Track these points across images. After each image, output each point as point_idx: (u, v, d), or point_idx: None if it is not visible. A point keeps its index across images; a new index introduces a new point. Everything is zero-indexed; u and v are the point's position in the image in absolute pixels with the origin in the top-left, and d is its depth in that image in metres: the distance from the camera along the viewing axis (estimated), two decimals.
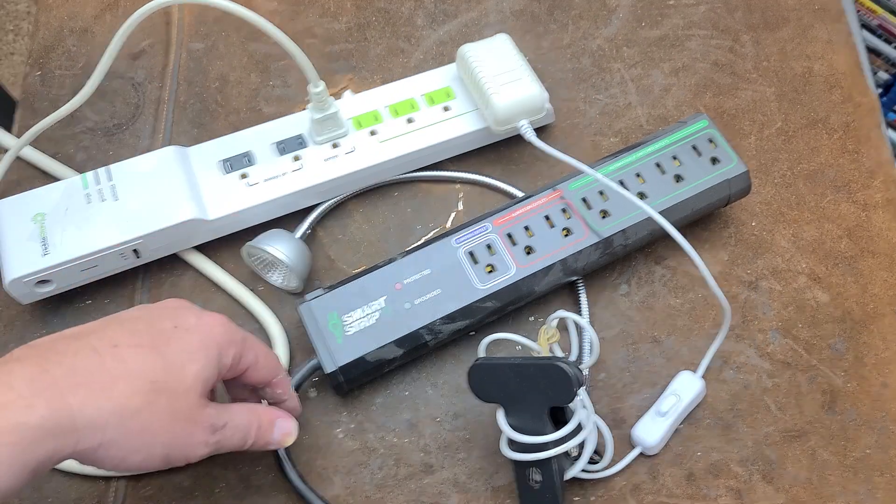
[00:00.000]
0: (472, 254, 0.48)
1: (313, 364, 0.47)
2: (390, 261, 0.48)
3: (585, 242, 0.49)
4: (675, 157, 0.51)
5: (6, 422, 0.29)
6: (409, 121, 0.54)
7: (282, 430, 0.41)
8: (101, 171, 0.50)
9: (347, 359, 0.46)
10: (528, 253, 0.48)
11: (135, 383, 0.33)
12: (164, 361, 0.34)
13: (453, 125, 0.54)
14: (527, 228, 0.49)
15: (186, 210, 0.49)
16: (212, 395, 0.39)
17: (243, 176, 0.51)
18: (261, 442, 0.39)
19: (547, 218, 0.49)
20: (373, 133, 0.54)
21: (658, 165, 0.51)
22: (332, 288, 0.48)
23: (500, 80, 0.52)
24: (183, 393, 0.34)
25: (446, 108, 0.55)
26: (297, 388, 0.47)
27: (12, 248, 0.47)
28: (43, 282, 0.48)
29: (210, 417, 0.36)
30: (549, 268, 0.48)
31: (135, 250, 0.49)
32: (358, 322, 0.47)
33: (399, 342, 0.47)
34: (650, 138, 0.52)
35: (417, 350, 0.48)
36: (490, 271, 0.48)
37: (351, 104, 0.54)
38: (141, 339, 0.34)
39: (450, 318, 0.47)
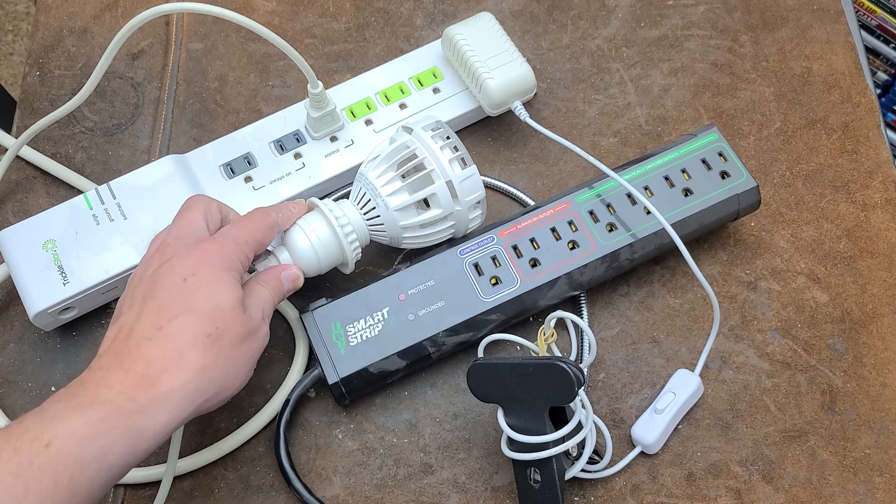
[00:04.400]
0: (476, 265, 0.48)
1: (315, 374, 0.47)
2: (394, 271, 0.48)
3: (591, 256, 0.48)
4: (683, 171, 0.50)
5: (113, 412, 0.34)
6: (402, 106, 0.54)
7: (289, 279, 0.44)
8: (103, 189, 0.50)
9: (350, 370, 0.46)
10: (534, 266, 0.48)
11: (197, 345, 0.37)
12: (203, 312, 0.38)
13: (445, 108, 0.55)
14: (532, 241, 0.48)
15: None
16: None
17: (248, 179, 0.51)
18: (282, 296, 0.44)
19: (553, 230, 0.49)
20: (368, 123, 0.54)
21: (667, 178, 0.50)
22: (335, 298, 0.47)
23: (490, 63, 0.52)
24: (233, 323, 0.38)
25: (436, 91, 0.55)
26: (300, 396, 0.47)
27: (31, 279, 0.47)
28: (66, 309, 0.47)
29: (256, 319, 0.40)
30: (555, 281, 0.48)
31: None
32: (361, 333, 0.46)
33: (402, 354, 0.46)
34: (659, 150, 0.51)
35: (420, 362, 0.47)
36: (495, 283, 0.48)
37: (342, 94, 0.55)
38: (172, 308, 0.38)
39: (453, 330, 0.47)
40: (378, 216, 0.47)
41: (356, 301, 0.47)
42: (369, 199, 0.47)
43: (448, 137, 0.47)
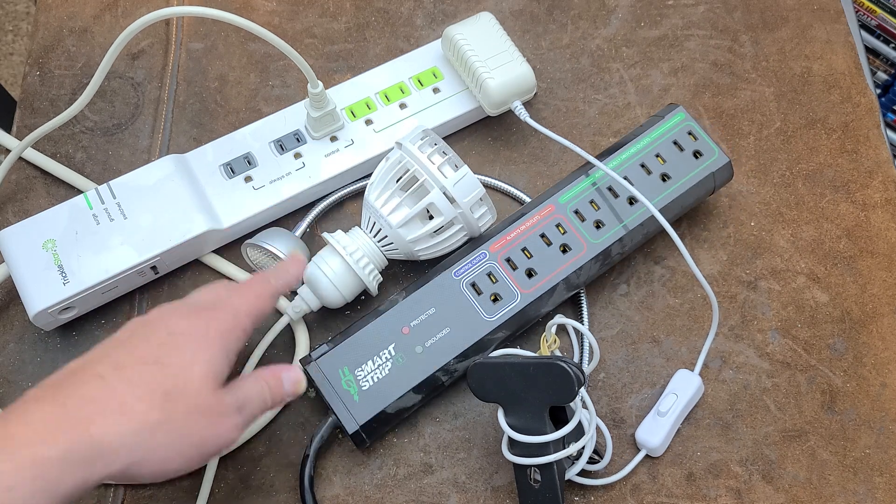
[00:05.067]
0: (474, 285, 0.47)
1: (332, 422, 0.46)
2: (391, 304, 0.47)
3: (585, 257, 0.48)
4: (658, 156, 0.51)
5: (27, 457, 0.30)
6: (402, 106, 0.54)
7: (290, 381, 0.41)
8: (103, 188, 0.50)
9: (368, 416, 0.45)
10: (530, 276, 0.48)
11: (148, 399, 0.33)
12: (170, 369, 0.35)
13: (445, 107, 0.55)
14: (524, 250, 0.48)
15: (200, 223, 0.49)
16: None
17: (248, 179, 0.51)
18: (278, 399, 0.40)
19: (543, 236, 0.48)
20: (368, 122, 0.54)
21: (643, 166, 0.50)
22: (336, 342, 0.46)
23: (490, 63, 0.52)
24: (195, 394, 0.35)
25: (436, 90, 0.55)
26: (319, 448, 0.46)
27: (31, 278, 0.47)
28: (66, 309, 0.47)
29: (229, 405, 0.36)
30: (554, 288, 0.48)
31: (153, 267, 0.49)
32: (371, 375, 0.45)
33: (416, 389, 0.46)
34: (629, 137, 0.51)
35: (435, 391, 0.47)
36: (495, 300, 0.47)
37: (342, 94, 0.55)
38: (142, 355, 0.35)
39: (463, 355, 0.46)
40: (386, 236, 0.47)
41: (359, 342, 0.46)
42: (374, 222, 0.47)
43: (435, 144, 0.47)
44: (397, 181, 0.47)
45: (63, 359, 0.50)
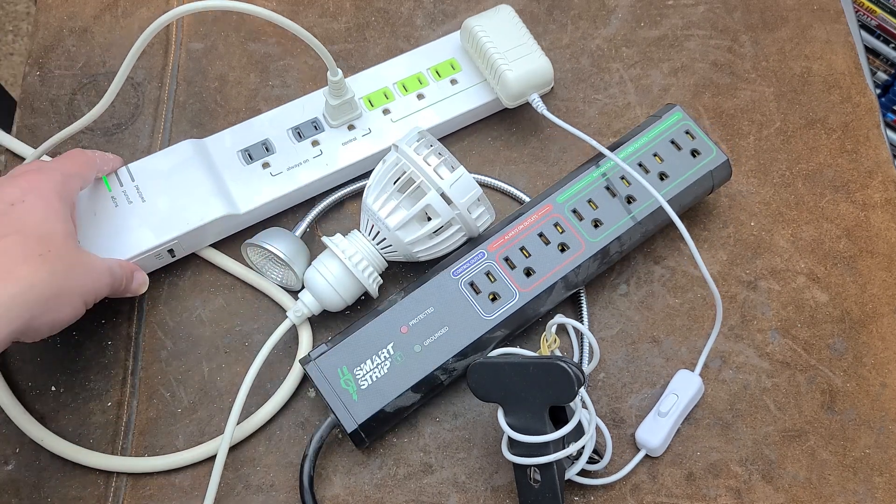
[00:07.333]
0: (472, 284, 0.47)
1: (331, 421, 0.46)
2: (390, 304, 0.47)
3: (583, 256, 0.48)
4: (656, 155, 0.51)
5: None
6: (420, 97, 0.55)
7: (138, 280, 0.47)
8: (122, 171, 0.50)
9: (366, 414, 0.45)
10: (529, 275, 0.48)
11: (28, 263, 0.37)
12: (32, 236, 0.38)
13: (463, 99, 0.55)
14: (523, 249, 0.48)
15: (218, 207, 0.49)
16: None
17: (265, 165, 0.52)
18: (125, 288, 0.46)
19: (541, 235, 0.48)
20: (386, 112, 0.54)
21: (641, 165, 0.50)
22: (335, 342, 0.46)
23: (509, 55, 0.52)
24: (65, 247, 0.39)
25: (454, 82, 0.55)
26: (318, 448, 0.45)
27: None
28: None
29: (104, 261, 0.42)
30: (552, 287, 0.48)
31: (170, 250, 0.49)
32: (370, 374, 0.45)
33: (415, 387, 0.46)
34: (627, 137, 0.51)
35: (434, 390, 0.47)
36: (494, 299, 0.47)
37: (360, 83, 0.55)
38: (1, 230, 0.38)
39: (462, 354, 0.46)
40: (384, 239, 0.47)
41: (358, 342, 0.46)
42: (373, 225, 0.47)
43: (431, 145, 0.47)
44: (394, 183, 0.47)
45: (63, 359, 0.50)
